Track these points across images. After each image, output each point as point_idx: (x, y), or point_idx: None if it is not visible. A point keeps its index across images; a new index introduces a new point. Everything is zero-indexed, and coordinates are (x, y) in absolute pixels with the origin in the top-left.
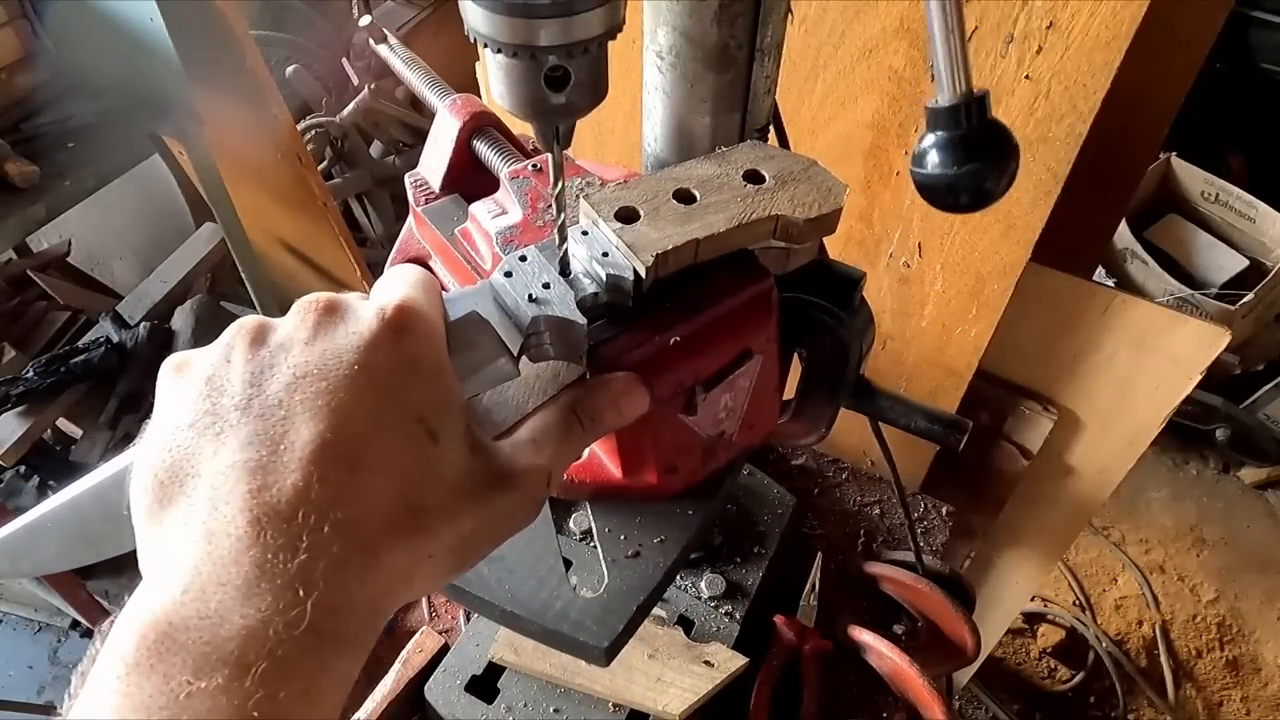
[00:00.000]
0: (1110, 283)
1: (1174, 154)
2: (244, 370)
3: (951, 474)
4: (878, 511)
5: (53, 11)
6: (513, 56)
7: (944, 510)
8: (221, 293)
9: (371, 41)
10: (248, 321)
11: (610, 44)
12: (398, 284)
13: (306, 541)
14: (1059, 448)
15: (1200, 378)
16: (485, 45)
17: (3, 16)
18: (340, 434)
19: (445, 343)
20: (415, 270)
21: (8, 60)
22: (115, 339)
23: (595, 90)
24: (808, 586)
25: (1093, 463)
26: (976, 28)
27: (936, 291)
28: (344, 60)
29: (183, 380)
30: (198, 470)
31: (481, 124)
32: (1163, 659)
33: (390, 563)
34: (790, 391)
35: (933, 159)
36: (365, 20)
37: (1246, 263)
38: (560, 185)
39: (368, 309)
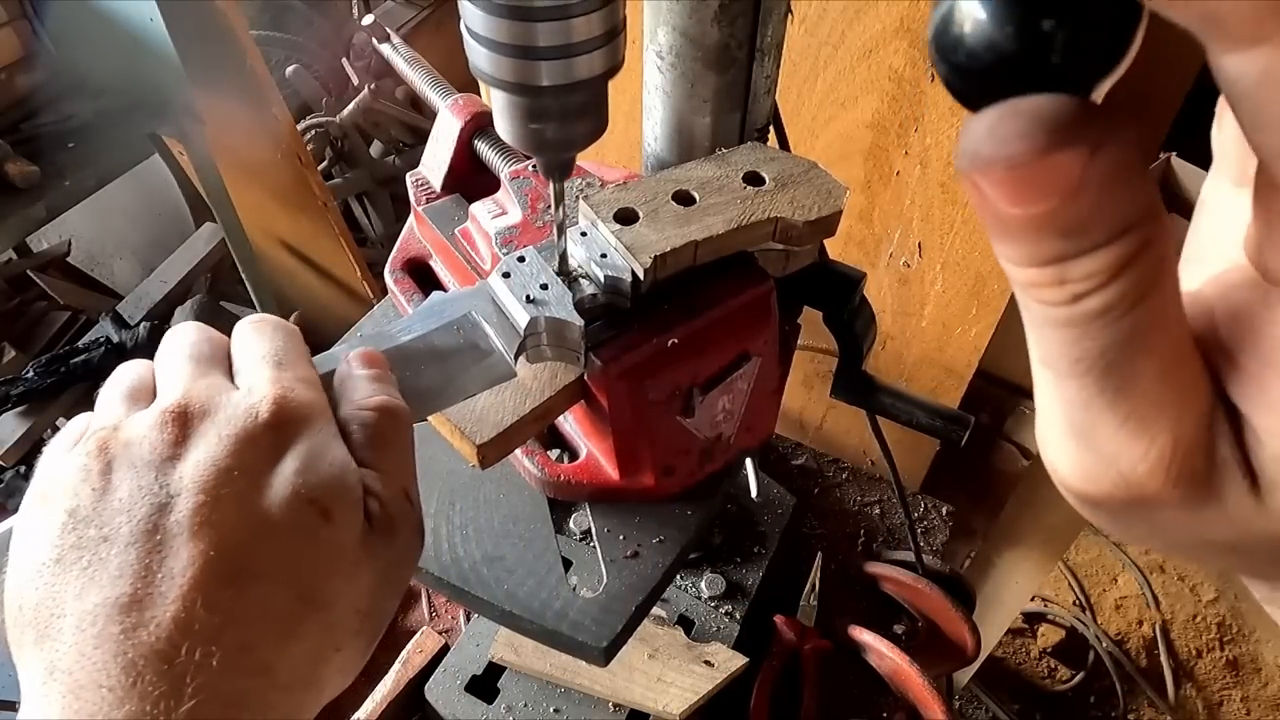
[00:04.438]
0: None
1: (1174, 154)
2: (108, 498)
3: (951, 474)
4: (878, 511)
5: (53, 11)
6: (514, 93)
7: (944, 510)
8: (221, 292)
9: (374, 40)
10: (89, 434)
11: None
12: (262, 370)
13: (193, 683)
14: None
15: None
16: (488, 82)
17: (3, 16)
18: (224, 548)
19: (329, 407)
20: (275, 342)
21: (8, 60)
22: (115, 339)
23: (596, 126)
24: (808, 586)
25: None
26: None
27: (936, 291)
28: (344, 60)
29: (45, 512)
30: (63, 610)
31: (483, 124)
32: (1163, 659)
33: (293, 675)
34: (789, 394)
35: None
36: (368, 19)
37: None
38: (563, 215)
39: (236, 407)
